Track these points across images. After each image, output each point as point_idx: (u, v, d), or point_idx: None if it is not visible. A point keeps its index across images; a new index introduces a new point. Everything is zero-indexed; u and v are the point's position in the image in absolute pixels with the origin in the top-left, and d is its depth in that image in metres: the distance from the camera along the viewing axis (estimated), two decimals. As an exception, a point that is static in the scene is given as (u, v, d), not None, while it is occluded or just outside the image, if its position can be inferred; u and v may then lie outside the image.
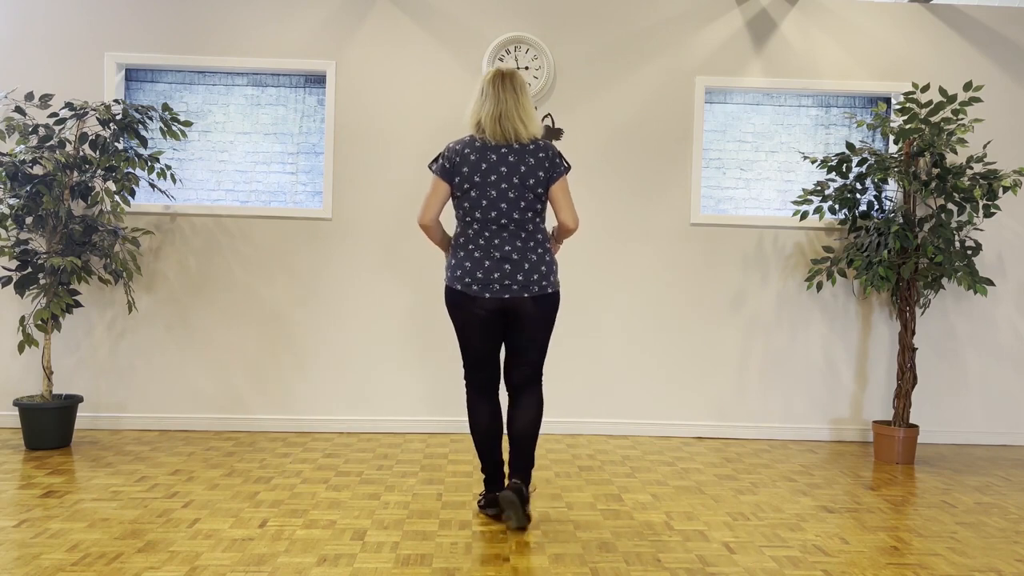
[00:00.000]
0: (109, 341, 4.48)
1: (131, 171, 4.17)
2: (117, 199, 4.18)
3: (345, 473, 3.70)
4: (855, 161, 4.40)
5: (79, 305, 4.18)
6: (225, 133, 4.58)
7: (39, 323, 4.03)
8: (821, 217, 4.32)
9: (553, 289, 2.90)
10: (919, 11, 4.67)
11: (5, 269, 4.04)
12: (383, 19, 4.54)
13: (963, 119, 4.27)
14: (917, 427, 4.22)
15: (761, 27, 4.64)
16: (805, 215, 4.33)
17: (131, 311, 4.39)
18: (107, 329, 4.48)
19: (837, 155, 4.31)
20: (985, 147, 4.40)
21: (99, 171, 4.13)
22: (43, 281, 4.06)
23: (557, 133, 4.58)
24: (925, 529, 3.14)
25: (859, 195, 4.34)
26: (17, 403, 4.00)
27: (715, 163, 4.71)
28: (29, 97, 4.07)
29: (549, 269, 2.89)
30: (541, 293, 2.87)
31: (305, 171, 4.61)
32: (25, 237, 4.16)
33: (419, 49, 4.56)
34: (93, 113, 4.06)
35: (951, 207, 4.31)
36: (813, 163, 4.52)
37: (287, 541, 2.81)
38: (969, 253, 4.22)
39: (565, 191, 2.89)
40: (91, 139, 4.10)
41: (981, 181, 4.09)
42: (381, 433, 4.54)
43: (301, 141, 4.61)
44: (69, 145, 4.10)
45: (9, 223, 3.99)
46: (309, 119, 4.61)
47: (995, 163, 4.66)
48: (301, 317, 4.55)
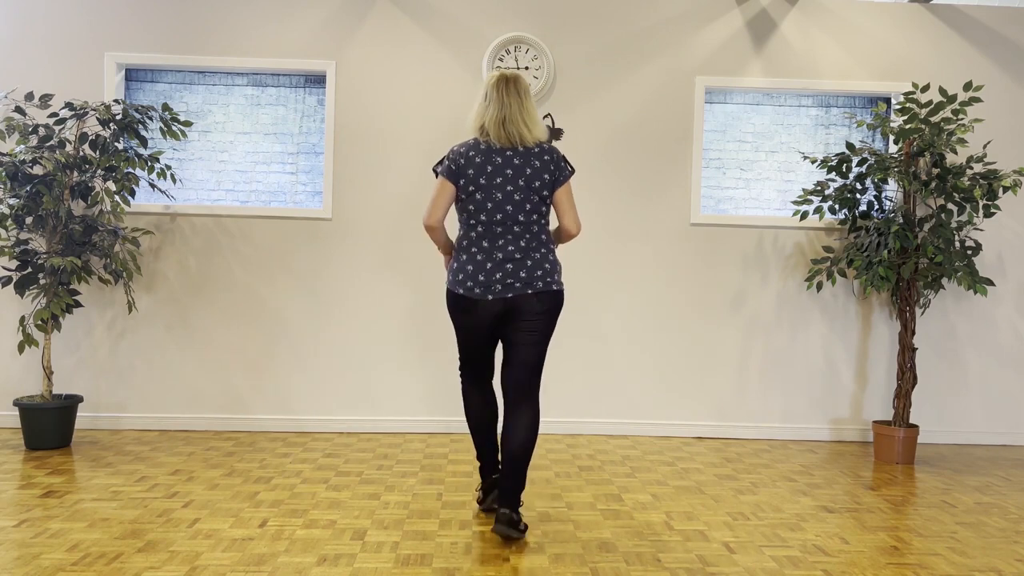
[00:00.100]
0: (109, 341, 4.48)
1: (131, 171, 4.17)
2: (117, 199, 4.18)
3: (345, 473, 3.70)
4: (855, 161, 4.40)
5: (79, 305, 4.18)
6: (225, 133, 4.58)
7: (39, 323, 4.03)
8: (821, 217, 4.32)
9: (557, 287, 2.87)
10: (919, 11, 4.67)
11: (5, 269, 4.04)
12: (383, 19, 4.55)
13: (963, 119, 4.27)
14: (917, 427, 4.22)
15: (761, 27, 4.64)
16: (805, 215, 4.33)
17: (131, 311, 4.39)
18: (107, 329, 4.48)
19: (837, 155, 4.31)
20: (985, 147, 4.40)
21: (99, 171, 4.13)
22: (43, 281, 4.06)
23: (557, 133, 4.58)
24: (925, 529, 3.14)
25: (859, 195, 4.34)
26: (17, 403, 4.01)
27: (715, 163, 4.71)
28: (29, 97, 4.07)
29: (553, 268, 2.87)
30: (545, 290, 2.83)
31: (305, 171, 4.61)
32: (25, 237, 4.16)
33: (419, 49, 4.56)
34: (93, 113, 4.06)
35: (951, 207, 4.31)
36: (813, 163, 4.52)
37: (287, 541, 2.81)
38: (969, 253, 4.22)
39: (569, 195, 2.90)
40: (91, 139, 4.10)
41: (981, 181, 4.09)
42: (381, 433, 4.54)
43: (301, 141, 4.61)
44: (69, 145, 4.10)
45: (9, 223, 3.99)
46: (309, 119, 4.61)
47: (995, 163, 4.66)
48: (301, 317, 4.55)
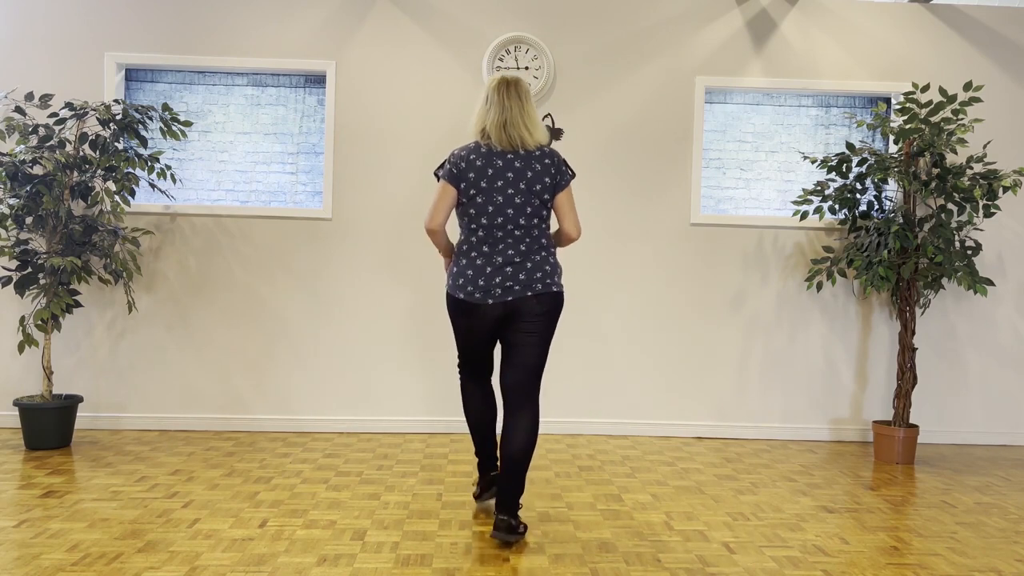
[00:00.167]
0: (109, 341, 4.48)
1: (131, 171, 4.17)
2: (117, 199, 4.19)
3: (345, 473, 3.70)
4: (855, 161, 4.40)
5: (79, 305, 4.18)
6: (225, 133, 4.58)
7: (39, 323, 4.03)
8: (821, 217, 4.32)
9: (557, 289, 2.86)
10: (919, 11, 4.67)
11: (5, 269, 4.04)
12: (383, 19, 4.55)
13: (963, 119, 4.28)
14: (917, 427, 4.22)
15: (761, 27, 4.64)
16: (805, 215, 4.33)
17: (131, 311, 4.39)
18: (107, 329, 4.48)
19: (837, 155, 4.31)
20: (985, 147, 4.40)
21: (99, 171, 4.13)
22: (43, 281, 4.06)
23: (557, 133, 4.58)
24: (925, 529, 3.14)
25: (859, 195, 4.34)
26: (17, 403, 4.01)
27: (715, 163, 4.71)
28: (29, 97, 4.07)
29: (553, 270, 2.86)
30: (544, 292, 2.82)
31: (305, 171, 4.61)
32: (25, 237, 4.16)
33: (419, 49, 4.56)
34: (93, 113, 4.06)
35: (951, 207, 4.31)
36: (813, 163, 4.52)
37: (287, 541, 2.81)
38: (969, 253, 4.22)
39: (570, 200, 2.90)
40: (91, 139, 4.10)
41: (981, 181, 4.09)
42: (381, 433, 4.54)
43: (301, 141, 4.61)
44: (69, 145, 4.10)
45: (9, 223, 3.99)
46: (309, 119, 4.61)
47: (995, 163, 4.66)
48: (301, 317, 4.55)
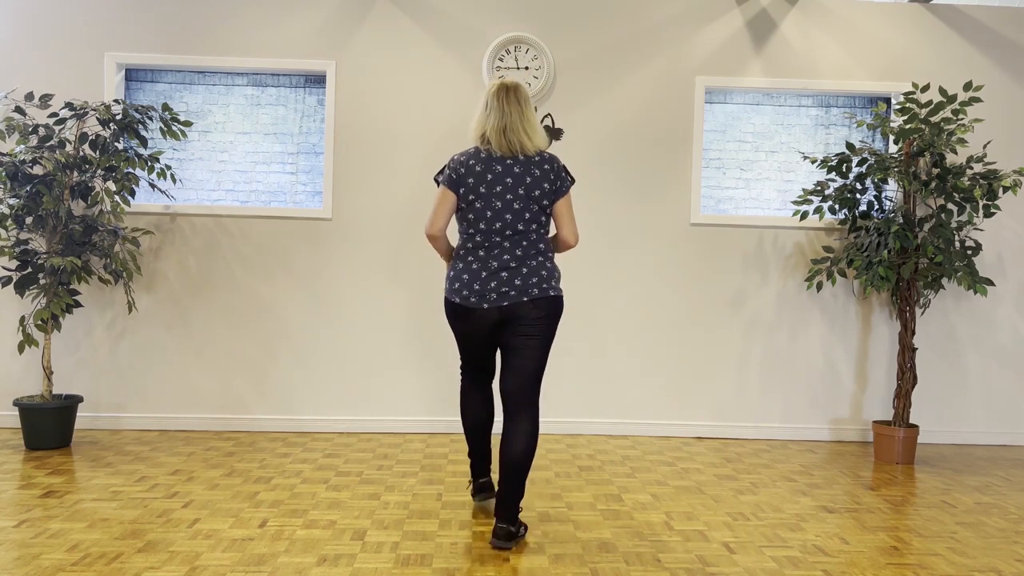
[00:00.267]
0: (109, 341, 4.48)
1: (131, 171, 4.17)
2: (117, 199, 4.18)
3: (345, 473, 3.70)
4: (855, 161, 4.40)
5: (79, 305, 4.18)
6: (225, 133, 4.58)
7: (39, 323, 4.03)
8: (821, 217, 4.32)
9: (555, 293, 2.84)
10: (919, 11, 4.67)
11: (5, 269, 4.04)
12: (383, 19, 4.55)
13: (963, 119, 4.27)
14: (917, 427, 4.22)
15: (761, 27, 4.64)
16: (805, 215, 4.33)
17: (131, 311, 4.39)
18: (107, 329, 4.48)
19: (837, 155, 4.31)
20: (985, 147, 4.40)
21: (99, 171, 4.13)
22: (43, 281, 4.06)
23: (557, 133, 4.58)
24: (925, 529, 3.14)
25: (859, 195, 4.34)
26: (17, 403, 4.01)
27: (715, 163, 4.71)
28: (29, 97, 4.07)
29: (550, 275, 2.85)
30: (541, 296, 2.81)
31: (305, 171, 4.61)
32: (25, 237, 4.16)
33: (419, 49, 4.56)
34: (93, 113, 4.06)
35: (951, 207, 4.31)
36: (813, 163, 4.52)
37: (287, 541, 2.81)
38: (969, 253, 4.22)
39: (569, 207, 2.90)
40: (91, 139, 4.10)
41: (981, 181, 4.09)
42: (381, 433, 4.54)
43: (301, 141, 4.61)
44: (69, 145, 4.10)
45: (9, 223, 3.99)
46: (309, 119, 4.61)
47: (995, 163, 4.66)
48: (301, 317, 4.55)
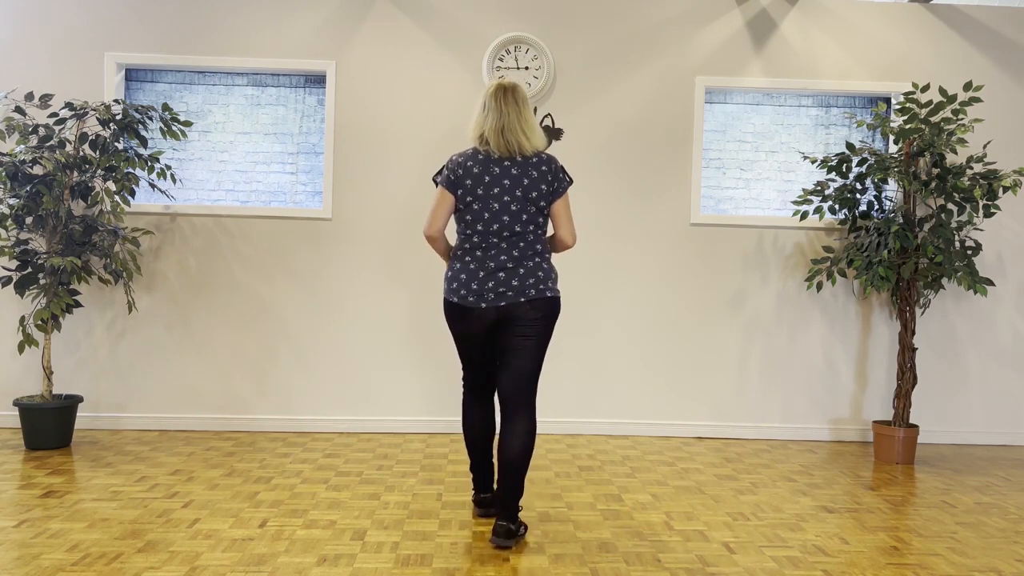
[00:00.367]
0: (109, 341, 4.48)
1: (131, 171, 4.17)
2: (117, 199, 4.18)
3: (345, 473, 3.70)
4: (855, 161, 4.40)
5: (79, 305, 4.18)
6: (225, 133, 4.58)
7: (39, 323, 4.03)
8: (821, 217, 4.32)
9: (552, 294, 2.85)
10: (919, 11, 4.67)
11: (5, 269, 4.04)
12: (383, 19, 4.55)
13: (963, 119, 4.27)
14: (917, 427, 4.22)
15: (761, 27, 4.64)
16: (805, 215, 4.33)
17: (131, 311, 4.39)
18: (107, 329, 4.48)
19: (837, 155, 4.31)
20: (985, 147, 4.40)
21: (99, 171, 4.13)
22: (43, 281, 4.06)
23: (557, 133, 4.58)
24: (925, 529, 3.14)
25: (859, 195, 4.34)
26: (17, 403, 4.01)
27: (715, 163, 4.71)
28: (29, 97, 4.07)
29: (547, 276, 2.85)
30: (538, 297, 2.82)
31: (305, 171, 4.61)
32: (25, 237, 4.16)
33: (419, 49, 4.56)
34: (93, 113, 4.06)
35: (951, 207, 4.31)
36: (813, 163, 4.52)
37: (287, 541, 2.81)
38: (969, 253, 4.22)
39: (566, 207, 2.90)
40: (91, 139, 4.10)
41: (981, 181, 4.09)
42: (381, 433, 4.54)
43: (301, 141, 4.61)
44: (69, 145, 4.10)
45: (9, 223, 3.99)
46: (309, 119, 4.61)
47: (995, 163, 4.66)
48: (301, 317, 4.55)
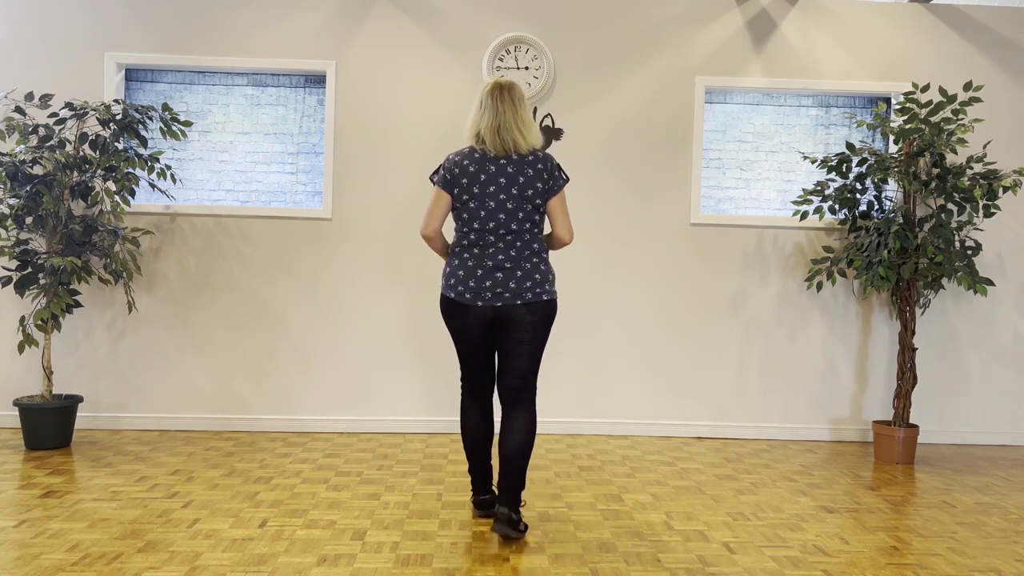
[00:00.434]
0: (109, 341, 4.48)
1: (131, 171, 4.17)
2: (117, 199, 4.18)
3: (345, 473, 3.70)
4: (855, 161, 4.40)
5: (79, 305, 4.18)
6: (225, 133, 4.58)
7: (39, 323, 4.03)
8: (821, 217, 4.32)
9: (548, 297, 2.86)
10: (919, 11, 4.67)
11: (5, 269, 4.04)
12: (383, 19, 4.55)
13: (963, 119, 4.27)
14: (917, 427, 4.22)
15: (761, 27, 4.64)
16: (805, 215, 4.33)
17: (131, 311, 4.39)
18: (107, 329, 4.48)
19: (837, 155, 4.31)
20: (985, 147, 4.40)
21: (99, 171, 4.13)
22: (43, 281, 4.06)
23: (557, 133, 4.58)
24: (925, 529, 3.14)
25: (859, 195, 4.34)
26: (17, 403, 4.01)
27: (715, 163, 4.71)
28: (29, 97, 4.07)
29: (544, 278, 2.86)
30: (535, 300, 2.83)
31: (305, 171, 4.61)
32: (25, 237, 4.16)
33: (419, 49, 4.56)
34: (93, 113, 4.06)
35: (951, 207, 4.31)
36: (813, 163, 4.52)
37: (287, 541, 2.81)
38: (969, 253, 4.22)
39: (563, 204, 2.91)
40: (91, 139, 4.10)
41: (981, 181, 4.09)
42: (381, 433, 4.54)
43: (301, 141, 4.61)
44: (69, 145, 4.10)
45: (9, 223, 3.99)
46: (309, 119, 4.61)
47: (995, 163, 4.66)
48: (301, 317, 4.55)
